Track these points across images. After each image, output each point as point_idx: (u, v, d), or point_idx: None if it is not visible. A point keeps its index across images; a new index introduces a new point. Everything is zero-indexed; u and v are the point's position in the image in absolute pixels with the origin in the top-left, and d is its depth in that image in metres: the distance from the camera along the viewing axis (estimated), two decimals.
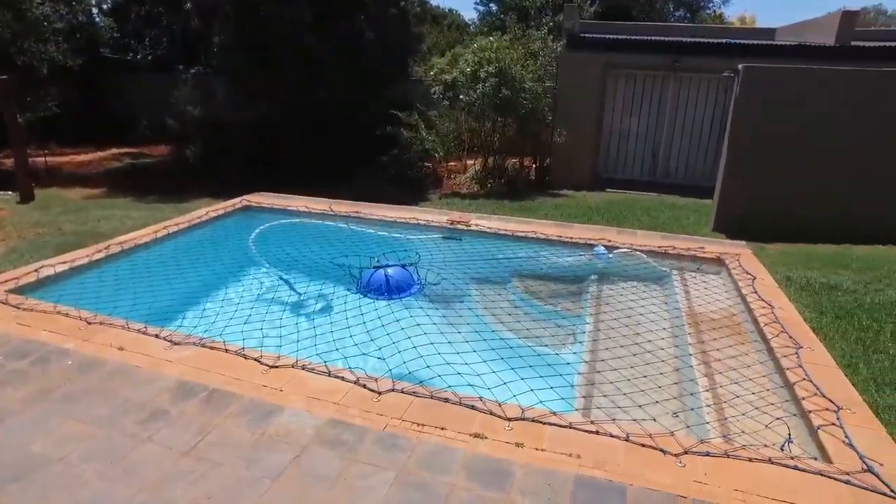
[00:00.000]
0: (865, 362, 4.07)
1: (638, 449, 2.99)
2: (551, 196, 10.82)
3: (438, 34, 31.35)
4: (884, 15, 48.04)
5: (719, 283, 5.48)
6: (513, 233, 6.50)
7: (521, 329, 4.71)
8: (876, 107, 7.77)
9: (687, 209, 9.71)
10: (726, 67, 8.94)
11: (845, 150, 7.91)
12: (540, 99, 11.66)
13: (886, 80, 7.92)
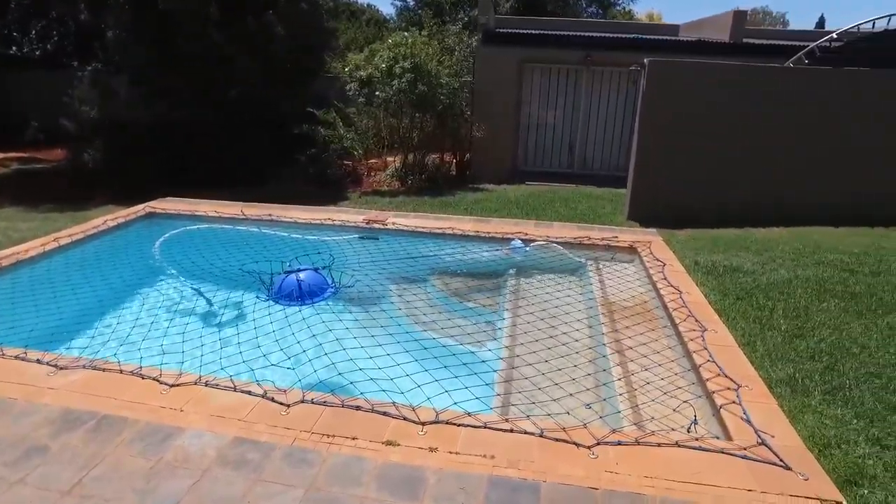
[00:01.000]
0: (762, 340, 4.29)
1: (552, 444, 2.99)
2: (472, 191, 10.86)
3: (357, 30, 30.89)
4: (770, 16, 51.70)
5: (632, 272, 5.64)
6: (430, 230, 6.44)
7: (439, 328, 4.65)
8: (769, 98, 8.27)
9: (603, 199, 10.00)
10: (635, 62, 9.25)
11: (744, 140, 8.37)
12: (457, 94, 11.67)
13: (776, 74, 8.46)
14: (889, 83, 8.13)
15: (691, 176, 8.44)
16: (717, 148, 8.37)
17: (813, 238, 7.41)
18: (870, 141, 8.27)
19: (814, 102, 8.17)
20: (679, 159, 8.39)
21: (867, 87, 8.15)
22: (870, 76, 8.16)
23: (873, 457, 3.06)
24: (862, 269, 6.06)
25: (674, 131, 8.33)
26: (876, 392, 3.67)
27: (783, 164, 8.39)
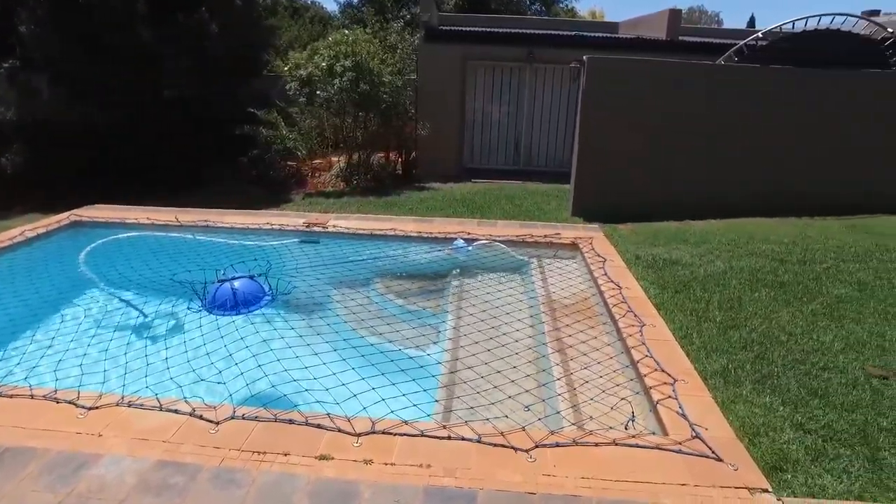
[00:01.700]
0: (698, 332, 4.38)
1: (490, 449, 2.94)
2: (418, 189, 10.78)
3: (300, 27, 30.25)
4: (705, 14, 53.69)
5: (574, 268, 5.68)
6: (371, 232, 6.33)
7: (381, 333, 4.55)
8: (703, 94, 8.50)
9: (548, 195, 10.09)
10: (576, 59, 9.35)
11: (681, 134, 8.58)
12: (401, 92, 11.56)
13: (709, 70, 8.72)
14: (808, 80, 8.49)
15: (632, 170, 8.60)
16: (655, 142, 8.55)
17: (747, 229, 7.66)
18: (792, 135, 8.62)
19: (744, 98, 8.46)
20: (619, 154, 8.54)
21: (789, 84, 8.49)
22: (792, 74, 8.50)
23: (796, 442, 3.15)
24: (790, 258, 6.30)
25: (614, 127, 8.47)
26: (800, 378, 3.80)
27: (720, 157, 8.64)
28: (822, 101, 8.53)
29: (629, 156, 8.55)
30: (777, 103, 8.51)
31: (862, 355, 4.14)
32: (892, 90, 8.73)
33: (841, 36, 9.73)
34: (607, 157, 8.55)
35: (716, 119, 8.54)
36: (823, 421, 3.35)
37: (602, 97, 8.41)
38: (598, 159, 8.55)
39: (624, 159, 8.55)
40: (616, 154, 8.53)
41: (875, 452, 3.10)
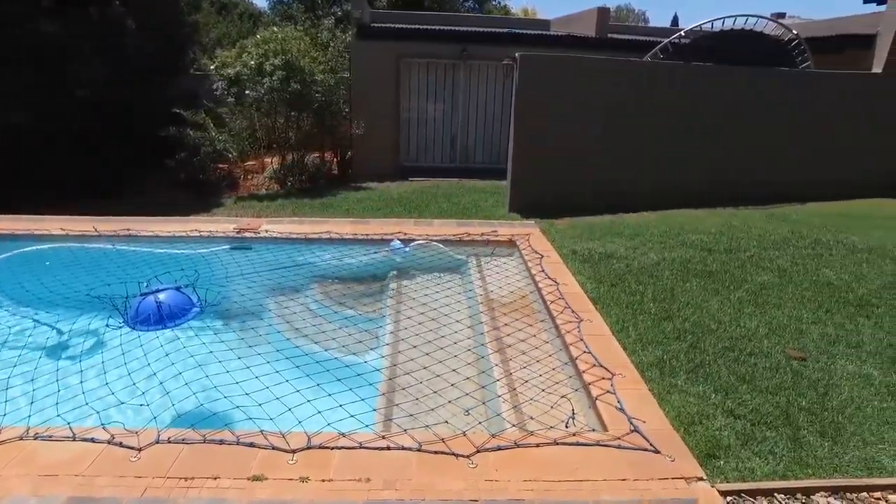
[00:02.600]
0: (633, 325, 4.46)
1: (431, 458, 2.88)
2: (354, 190, 10.58)
3: (229, 24, 29.19)
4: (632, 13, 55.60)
5: (512, 266, 5.69)
6: (306, 235, 6.13)
7: (317, 342, 4.40)
8: (633, 91, 8.72)
9: (486, 192, 10.11)
10: (508, 56, 9.40)
11: (612, 130, 8.78)
12: (334, 91, 11.31)
13: (637, 67, 8.96)
14: (728, 77, 8.88)
15: (567, 165, 8.73)
16: (588, 138, 8.71)
17: (678, 221, 7.92)
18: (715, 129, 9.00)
19: (670, 94, 8.75)
20: (554, 150, 8.64)
21: (710, 81, 8.85)
22: (714, 71, 8.86)
23: (727, 428, 3.25)
24: (718, 247, 6.55)
25: (548, 123, 8.56)
26: (730, 365, 3.93)
27: (650, 150, 8.91)
28: (741, 97, 8.93)
29: (564, 151, 8.67)
30: (699, 99, 8.85)
31: (783, 339, 4.33)
32: (800, 87, 9.26)
33: (754, 36, 10.23)
34: (542, 153, 8.64)
35: (644, 114, 8.79)
36: (751, 405, 3.46)
37: (536, 94, 8.48)
38: (533, 155, 8.63)
39: (559, 155, 8.66)
40: (551, 150, 8.63)
41: (796, 432, 3.23)
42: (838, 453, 3.07)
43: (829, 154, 9.36)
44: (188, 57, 13.32)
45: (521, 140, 8.58)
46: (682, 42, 10.07)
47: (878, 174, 9.40)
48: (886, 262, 5.95)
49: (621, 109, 8.70)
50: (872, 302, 4.99)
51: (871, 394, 3.63)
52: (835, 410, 3.44)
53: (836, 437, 3.20)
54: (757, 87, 9.00)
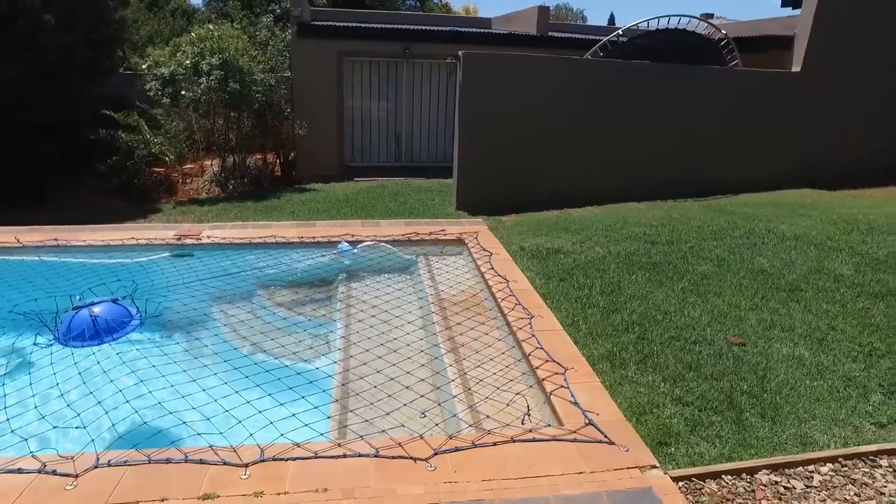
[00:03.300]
0: (583, 319, 4.55)
1: (389, 463, 2.84)
2: (299, 191, 10.35)
3: (161, 21, 28.00)
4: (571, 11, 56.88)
5: (461, 264, 5.70)
6: (250, 240, 5.95)
7: (267, 350, 4.27)
8: (574, 88, 8.89)
9: (432, 191, 10.10)
10: (451, 54, 9.41)
11: (556, 126, 8.93)
12: (275, 91, 11.04)
13: (578, 65, 9.15)
14: (664, 75, 9.19)
15: (512, 162, 8.82)
16: (532, 134, 8.83)
17: (621, 214, 8.13)
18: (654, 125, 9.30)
19: (611, 91, 8.98)
20: (499, 147, 8.71)
21: (648, 78, 9.14)
22: (651, 68, 9.15)
23: (677, 415, 3.36)
24: (660, 239, 6.76)
25: (492, 120, 8.63)
26: (676, 354, 4.07)
27: (593, 145, 9.10)
28: (677, 94, 9.26)
29: (508, 148, 8.75)
30: (639, 95, 9.11)
31: (724, 326, 4.51)
32: (729, 84, 9.69)
33: (687, 35, 10.62)
34: (487, 151, 8.70)
35: (586, 110, 8.98)
36: (698, 392, 3.59)
37: (479, 91, 8.53)
38: (478, 153, 8.67)
39: (503, 152, 8.74)
40: (496, 147, 8.70)
41: (739, 415, 3.37)
42: (777, 432, 3.22)
43: (757, 148, 9.82)
44: (116, 55, 12.66)
45: (466, 138, 8.61)
46: (619, 40, 10.34)
47: (802, 166, 9.93)
48: (811, 249, 6.30)
49: (564, 107, 8.86)
50: (801, 287, 5.26)
51: (804, 374, 3.82)
52: (773, 392, 3.60)
53: (774, 418, 3.36)
54: (690, 84, 9.35)
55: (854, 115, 10.05)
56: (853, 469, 2.94)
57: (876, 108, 10.15)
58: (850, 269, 5.66)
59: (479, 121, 8.55)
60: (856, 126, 10.12)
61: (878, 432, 3.24)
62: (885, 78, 9.99)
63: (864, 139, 10.23)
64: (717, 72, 9.97)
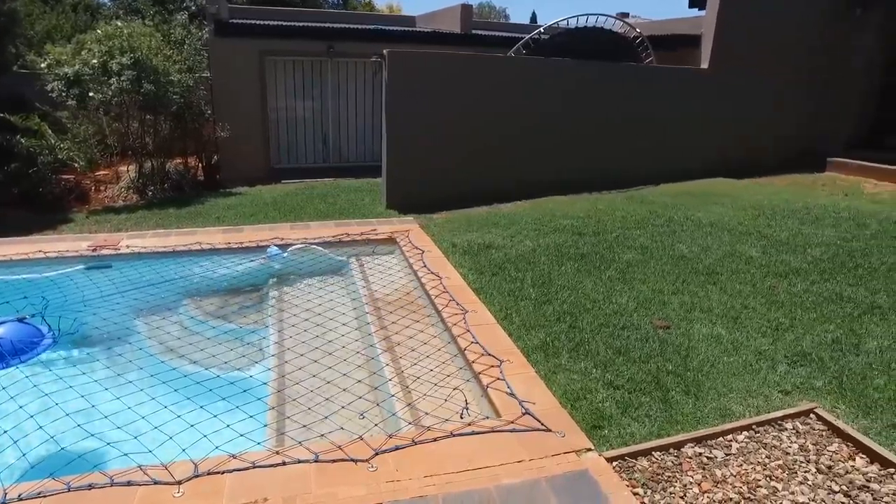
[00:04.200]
0: (516, 311, 4.65)
1: (329, 467, 2.81)
2: (224, 196, 9.99)
3: (59, 16, 26.18)
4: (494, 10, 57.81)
5: (394, 263, 5.69)
6: (174, 248, 5.69)
7: (197, 360, 4.11)
8: (499, 85, 9.04)
9: (362, 191, 10.01)
10: (376, 52, 9.35)
11: (482, 123, 9.05)
12: (193, 92, 10.59)
13: (503, 63, 9.32)
14: (584, 71, 9.52)
15: (441, 159, 8.88)
16: (459, 131, 8.91)
17: (549, 207, 8.37)
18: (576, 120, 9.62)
19: (535, 88, 9.21)
20: (427, 144, 8.75)
21: (569, 74, 9.44)
22: (572, 65, 9.45)
23: (609, 399, 3.51)
24: (587, 230, 7.02)
25: (419, 118, 8.65)
26: (606, 340, 4.24)
27: (520, 140, 9.30)
28: (597, 90, 9.61)
29: (436, 145, 8.81)
30: (562, 92, 9.39)
31: (649, 311, 4.74)
32: (646, 80, 10.16)
33: (605, 33, 11.04)
34: (415, 149, 8.72)
35: (512, 107, 9.16)
36: (627, 375, 3.76)
37: (406, 90, 8.53)
38: (406, 151, 8.68)
39: (432, 149, 8.79)
40: (423, 145, 8.73)
41: (666, 394, 3.56)
42: (700, 407, 3.43)
43: (673, 140, 10.34)
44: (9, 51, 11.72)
45: (393, 137, 8.60)
46: (541, 38, 10.61)
47: (714, 157, 10.56)
48: (725, 234, 6.72)
49: (490, 104, 9.00)
50: (717, 270, 5.60)
51: (721, 351, 4.08)
52: (695, 370, 3.82)
53: (697, 394, 3.56)
54: (611, 80, 9.72)
55: (757, 108, 10.77)
56: (764, 434, 3.17)
57: (775, 100, 10.92)
58: (759, 252, 6.08)
59: (407, 119, 8.55)
60: (759, 119, 10.85)
61: (784, 399, 3.51)
62: (783, 73, 10.77)
63: (766, 131, 10.99)
64: (635, 68, 10.43)
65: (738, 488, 2.78)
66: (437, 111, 8.71)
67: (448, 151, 8.88)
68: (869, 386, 3.59)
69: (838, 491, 2.76)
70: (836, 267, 5.61)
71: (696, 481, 2.83)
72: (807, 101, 11.04)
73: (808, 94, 11.00)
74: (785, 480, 2.83)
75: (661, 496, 2.74)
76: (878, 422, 3.26)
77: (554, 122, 9.46)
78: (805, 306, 4.76)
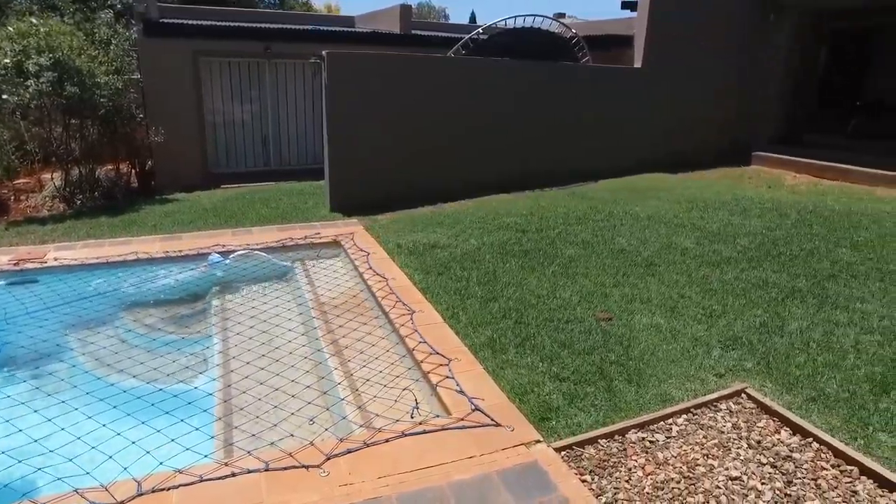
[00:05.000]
0: (463, 310, 4.70)
1: (281, 475, 2.77)
2: (160, 203, 9.61)
3: None
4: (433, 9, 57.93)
5: (339, 266, 5.65)
6: (108, 259, 5.45)
7: (137, 375, 3.96)
8: (440, 85, 9.09)
9: (305, 194, 9.85)
10: (314, 53, 9.22)
11: (425, 122, 9.08)
12: (123, 94, 10.10)
13: (444, 63, 9.37)
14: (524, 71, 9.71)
15: (384, 160, 8.85)
16: (402, 132, 8.91)
17: (492, 206, 8.48)
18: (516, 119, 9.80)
19: (475, 87, 9.31)
20: (370, 146, 8.70)
21: (509, 74, 9.60)
22: (512, 65, 9.61)
23: (555, 391, 3.61)
24: (530, 227, 7.16)
25: (361, 119, 8.59)
26: (551, 334, 4.35)
27: (462, 140, 9.38)
28: (535, 88, 9.81)
29: (379, 146, 8.77)
30: (502, 91, 9.54)
31: (592, 304, 4.89)
32: (586, 79, 10.46)
33: (543, 33, 11.28)
34: (358, 150, 8.65)
35: (454, 107, 9.23)
36: (572, 367, 3.87)
37: (346, 91, 8.46)
38: (349, 152, 8.60)
39: (374, 150, 8.75)
40: (366, 146, 8.68)
41: (609, 384, 3.69)
42: (642, 394, 3.57)
43: (611, 137, 10.68)
44: None
45: (335, 138, 8.51)
46: (480, 38, 10.73)
47: (650, 153, 10.97)
48: (662, 227, 7.00)
49: (431, 104, 9.04)
50: (655, 262, 5.84)
51: (660, 339, 4.26)
52: (636, 359, 3.98)
53: (639, 382, 3.71)
54: (551, 79, 9.94)
55: (688, 105, 11.26)
56: (701, 416, 3.34)
57: (705, 98, 11.45)
58: (693, 243, 6.37)
59: (348, 120, 8.49)
60: (691, 115, 11.35)
61: (719, 381, 3.71)
62: (712, 72, 11.30)
63: (698, 127, 11.50)
64: (571, 67, 10.70)
65: (678, 468, 2.92)
66: (379, 112, 8.68)
67: (391, 152, 8.86)
68: (791, 364, 3.84)
69: (766, 463, 2.95)
70: (762, 255, 5.95)
71: (640, 465, 2.96)
72: (734, 99, 11.64)
73: (736, 92, 11.60)
74: (720, 458, 2.99)
75: (608, 481, 2.85)
76: (799, 396, 3.49)
77: (495, 122, 9.59)
78: (735, 293, 5.03)
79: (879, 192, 8.71)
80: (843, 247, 6.12)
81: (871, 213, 7.40)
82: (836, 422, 3.24)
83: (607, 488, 2.80)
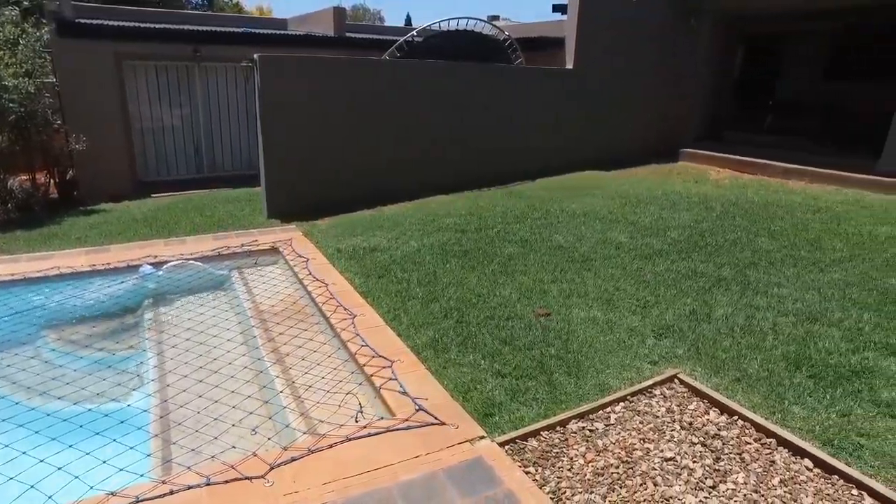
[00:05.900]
0: (404, 311, 4.71)
1: (223, 489, 2.71)
2: (85, 214, 9.13)
3: None
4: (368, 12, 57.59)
5: (278, 273, 5.54)
6: (25, 275, 5.13)
7: (63, 396, 3.75)
8: (376, 88, 9.06)
9: (240, 201, 9.60)
10: (246, 56, 9.00)
11: (361, 127, 9.03)
12: (36, 99, 9.52)
13: (378, 65, 9.34)
14: (460, 72, 9.82)
15: (320, 165, 8.74)
16: (337, 135, 8.83)
17: (431, 207, 8.52)
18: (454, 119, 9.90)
19: (410, 89, 9.33)
20: (305, 150, 8.57)
21: (445, 75, 9.69)
22: (448, 66, 9.70)
23: (498, 387, 3.68)
24: (469, 227, 7.25)
25: (296, 123, 8.45)
26: (492, 332, 4.43)
27: (398, 143, 9.38)
28: (471, 89, 9.94)
29: (315, 150, 8.66)
30: (437, 94, 9.61)
31: (531, 300, 5.00)
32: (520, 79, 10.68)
33: (476, 36, 11.44)
34: (294, 155, 8.51)
35: (390, 109, 9.23)
36: (514, 363, 3.95)
37: (279, 95, 8.31)
38: (285, 157, 8.45)
39: (310, 155, 8.63)
40: (302, 150, 8.55)
41: (550, 377, 3.79)
42: (581, 386, 3.69)
43: (547, 136, 10.94)
44: None
45: (270, 143, 8.34)
46: (415, 41, 10.77)
47: (584, 151, 11.32)
48: (597, 223, 7.24)
49: (367, 107, 9.00)
50: (591, 257, 6.03)
51: (598, 331, 4.41)
52: (575, 352, 4.10)
53: (578, 374, 3.83)
54: (483, 80, 10.09)
55: (619, 105, 11.70)
56: (637, 403, 3.49)
57: (634, 98, 11.92)
58: (626, 237, 6.62)
59: (283, 125, 8.34)
60: (622, 114, 11.79)
61: (653, 368, 3.88)
62: (641, 73, 11.78)
63: (629, 125, 11.96)
64: (504, 68, 10.90)
65: (617, 454, 3.04)
66: (313, 115, 8.57)
67: (328, 156, 8.77)
68: (718, 348, 4.07)
69: (697, 442, 3.12)
70: (690, 247, 6.26)
71: (581, 453, 3.06)
72: (662, 99, 12.17)
73: (664, 91, 12.13)
74: (656, 441, 3.14)
75: (551, 472, 2.93)
76: (726, 378, 3.71)
77: (433, 123, 9.66)
78: (667, 284, 5.27)
79: (791, 184, 9.32)
80: (762, 236, 6.52)
81: (785, 205, 7.92)
82: (757, 399, 3.46)
83: (550, 478, 2.88)
